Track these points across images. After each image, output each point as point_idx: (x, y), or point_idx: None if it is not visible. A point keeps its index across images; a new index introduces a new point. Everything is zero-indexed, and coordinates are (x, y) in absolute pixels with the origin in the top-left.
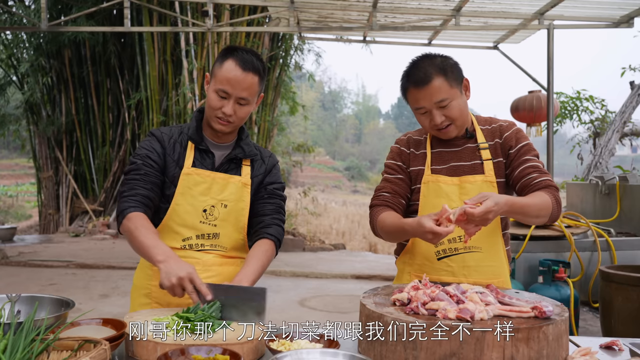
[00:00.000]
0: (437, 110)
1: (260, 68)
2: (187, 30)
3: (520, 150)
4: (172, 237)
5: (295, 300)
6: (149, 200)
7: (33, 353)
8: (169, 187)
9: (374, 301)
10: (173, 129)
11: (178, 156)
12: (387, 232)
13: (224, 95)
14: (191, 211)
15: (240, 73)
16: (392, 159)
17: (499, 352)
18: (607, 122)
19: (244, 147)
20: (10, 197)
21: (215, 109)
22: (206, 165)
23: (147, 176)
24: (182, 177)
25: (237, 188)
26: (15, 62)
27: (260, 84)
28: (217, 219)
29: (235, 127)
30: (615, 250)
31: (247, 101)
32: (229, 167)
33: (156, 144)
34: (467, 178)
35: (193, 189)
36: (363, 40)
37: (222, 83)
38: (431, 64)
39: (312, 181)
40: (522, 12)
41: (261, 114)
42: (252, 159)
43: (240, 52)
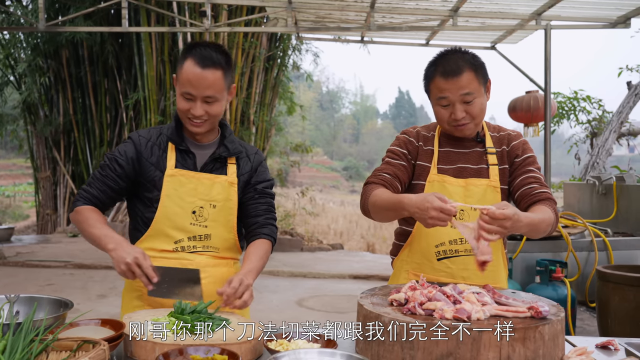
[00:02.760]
0: (460, 105)
1: (221, 61)
2: (184, 30)
3: (525, 160)
4: (163, 240)
5: (293, 300)
6: (98, 201)
7: (32, 353)
8: (150, 191)
9: (372, 301)
10: (152, 131)
11: (157, 159)
12: (380, 208)
13: (189, 97)
14: (180, 213)
15: (200, 71)
16: (398, 146)
17: (495, 352)
18: (605, 122)
19: (227, 145)
20: (8, 197)
21: (184, 111)
22: (188, 167)
23: (105, 178)
24: (166, 179)
25: (223, 187)
26: (13, 62)
27: (225, 78)
28: (207, 219)
29: (211, 125)
30: (612, 250)
31: (214, 98)
32: (213, 167)
33: (130, 148)
34: (473, 181)
35: (179, 191)
36: (361, 41)
37: (184, 85)
38: (463, 57)
39: (310, 181)
40: (519, 12)
41: (259, 114)
42: (238, 157)
43: (198, 48)
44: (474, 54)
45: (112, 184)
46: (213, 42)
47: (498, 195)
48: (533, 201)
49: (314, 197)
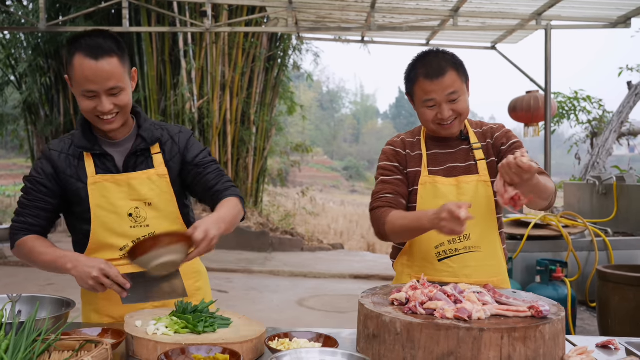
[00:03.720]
0: (446, 104)
1: (113, 47)
2: (185, 30)
3: (512, 145)
4: (107, 251)
5: (293, 300)
6: (37, 228)
7: (35, 353)
8: (79, 204)
9: (373, 301)
10: (64, 141)
11: (75, 170)
12: (400, 232)
13: (92, 94)
14: (116, 219)
15: (94, 64)
16: (388, 161)
17: (496, 351)
18: (605, 122)
19: (143, 135)
20: (8, 197)
21: (90, 111)
22: (110, 170)
23: (35, 201)
24: (90, 187)
25: (154, 182)
26: (14, 62)
27: (123, 63)
28: (146, 219)
29: (124, 117)
30: (612, 250)
31: (119, 88)
32: (136, 162)
33: (46, 165)
34: (464, 178)
35: (108, 197)
36: (361, 41)
37: (82, 83)
38: (444, 57)
39: (310, 181)
40: (519, 12)
41: (259, 114)
42: (161, 144)
43: (83, 40)
44: (453, 54)
45: (44, 205)
46: (97, 28)
47: (490, 189)
48: None
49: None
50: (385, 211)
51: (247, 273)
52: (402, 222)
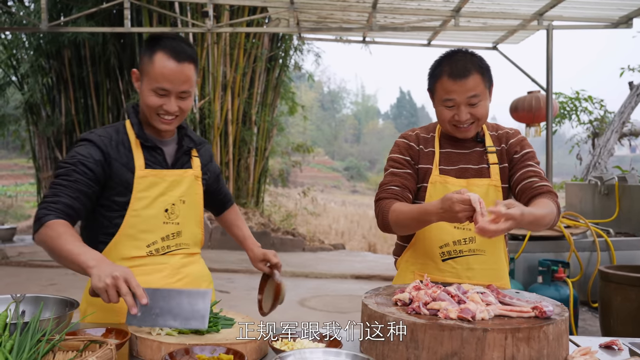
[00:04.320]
0: (465, 107)
1: (193, 55)
2: (187, 30)
3: (524, 156)
4: (133, 246)
5: (295, 300)
6: (72, 211)
7: (39, 353)
8: (122, 194)
9: (376, 301)
10: (108, 130)
11: (126, 159)
12: (403, 223)
13: (163, 92)
14: (154, 214)
15: (176, 66)
16: (400, 153)
17: (500, 352)
18: (606, 122)
19: (191, 136)
20: (10, 197)
21: (154, 107)
22: (159, 163)
23: (76, 183)
24: (137, 180)
25: (190, 182)
26: (15, 63)
27: (196, 72)
28: (178, 216)
29: (180, 121)
30: (614, 251)
31: (188, 93)
32: (183, 160)
33: (94, 150)
34: (475, 181)
35: (151, 191)
36: (362, 41)
37: (157, 80)
38: (471, 59)
39: (311, 181)
40: (521, 12)
41: (261, 114)
42: (198, 149)
43: (167, 41)
44: (481, 57)
45: (85, 189)
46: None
47: (500, 194)
48: (533, 195)
49: (316, 197)
50: (390, 202)
51: (249, 273)
52: (407, 213)
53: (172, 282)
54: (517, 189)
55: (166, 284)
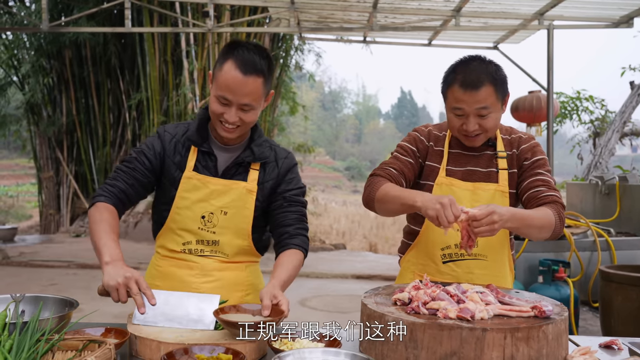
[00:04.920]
0: (474, 118)
1: (264, 68)
2: (187, 30)
3: (535, 163)
4: (173, 240)
5: (295, 300)
6: (124, 196)
7: (38, 353)
8: (169, 190)
9: (375, 301)
10: (179, 128)
11: (180, 158)
12: (386, 202)
13: (225, 102)
14: (191, 216)
15: (241, 78)
16: (409, 142)
17: (499, 351)
18: (607, 122)
19: (254, 149)
20: (11, 197)
21: (216, 114)
22: (209, 169)
23: (134, 171)
24: (182, 180)
25: (239, 195)
26: (16, 63)
27: (265, 85)
28: (215, 226)
29: (242, 131)
30: (615, 250)
31: (251, 107)
32: (235, 172)
33: (157, 143)
34: (481, 185)
35: (192, 194)
36: (363, 41)
37: (221, 89)
38: (485, 69)
39: (312, 181)
40: (522, 12)
41: (262, 114)
42: (264, 163)
43: (241, 50)
44: (498, 66)
45: (141, 177)
46: (257, 43)
47: (506, 200)
48: (539, 204)
49: (317, 197)
50: (383, 180)
51: None
52: (395, 193)
53: (199, 281)
54: (524, 198)
55: (191, 282)
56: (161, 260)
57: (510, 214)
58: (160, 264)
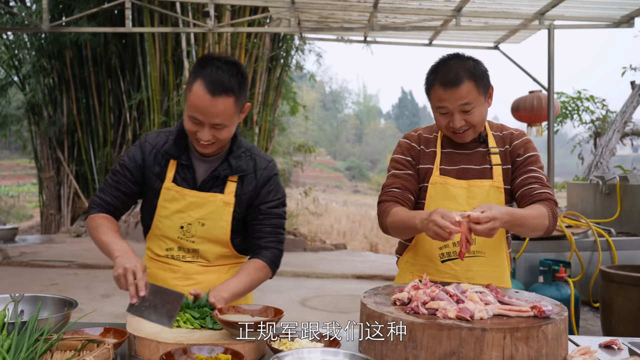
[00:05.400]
0: (458, 114)
1: (234, 86)
2: (188, 30)
3: (527, 160)
4: (157, 245)
5: (296, 300)
6: (112, 208)
7: (37, 353)
8: (152, 199)
9: (375, 301)
10: (160, 137)
11: (159, 169)
12: (398, 229)
13: (197, 121)
14: (170, 225)
15: (210, 99)
16: (402, 154)
17: (498, 351)
18: (608, 122)
19: (231, 162)
20: (12, 197)
21: (191, 133)
22: (187, 181)
23: (118, 184)
24: (162, 191)
25: (217, 207)
26: (17, 63)
27: (237, 103)
28: (194, 236)
29: (219, 146)
30: (615, 250)
31: (223, 125)
32: (213, 185)
33: (138, 154)
34: (476, 182)
35: (171, 205)
36: (364, 41)
37: (191, 110)
38: (464, 66)
39: (313, 181)
40: (522, 12)
41: (262, 114)
42: (242, 176)
43: (209, 69)
44: (476, 61)
45: (125, 189)
46: (229, 58)
47: (502, 196)
48: (532, 201)
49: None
50: (390, 205)
51: None
52: (400, 218)
53: (182, 284)
54: (517, 195)
55: (175, 285)
56: (149, 262)
57: (508, 215)
58: (149, 266)
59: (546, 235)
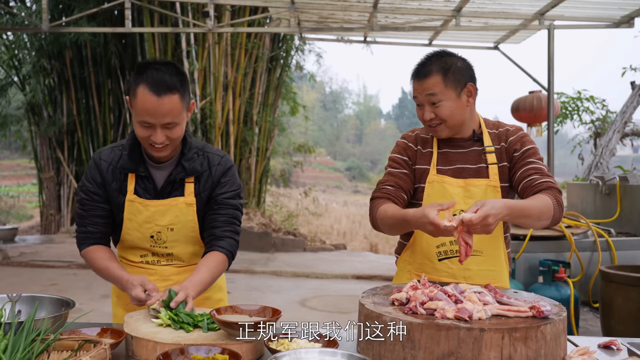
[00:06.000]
0: (428, 106)
1: (176, 84)
2: (188, 31)
3: (525, 153)
4: (131, 253)
5: (296, 301)
6: (98, 234)
7: (33, 353)
8: (117, 213)
9: (373, 301)
10: (114, 153)
11: (119, 184)
12: (388, 224)
13: (148, 125)
14: (140, 237)
15: (156, 100)
16: (398, 153)
17: (496, 352)
18: (608, 122)
19: (184, 164)
20: (12, 197)
21: (144, 138)
22: (148, 191)
23: (91, 210)
24: (126, 203)
25: (180, 210)
26: (17, 64)
27: (183, 100)
28: (166, 242)
29: (173, 147)
30: (615, 251)
31: (174, 123)
32: (172, 189)
33: (95, 173)
34: (472, 181)
35: (137, 217)
36: (364, 41)
37: (141, 114)
38: (437, 61)
39: (313, 181)
40: (522, 12)
41: (262, 114)
42: (197, 176)
43: (150, 72)
44: (454, 58)
45: (99, 212)
46: (165, 60)
47: (498, 195)
48: (535, 192)
49: (317, 198)
50: (381, 202)
51: (250, 273)
52: (389, 215)
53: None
54: (519, 188)
55: None
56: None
57: (506, 208)
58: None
59: (554, 224)
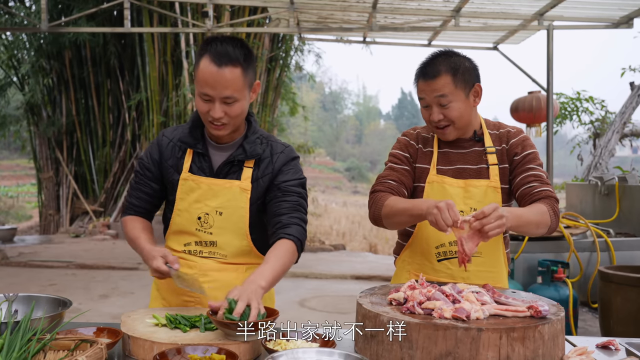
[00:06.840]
0: (436, 107)
1: (239, 57)
2: (187, 31)
3: (525, 158)
4: (176, 241)
5: (295, 301)
6: (140, 209)
7: (29, 353)
8: (171, 193)
9: (371, 301)
10: (177, 131)
11: (176, 161)
12: (395, 216)
13: (207, 98)
14: (188, 218)
15: (216, 70)
16: (400, 149)
17: (494, 352)
18: (607, 122)
19: (246, 147)
20: (11, 197)
21: (203, 113)
22: (204, 170)
23: (139, 185)
24: (180, 182)
25: (233, 194)
26: (16, 64)
27: (245, 74)
28: (212, 226)
29: (233, 127)
30: (614, 251)
31: (233, 99)
32: (229, 171)
33: (155, 150)
34: (473, 182)
35: (188, 196)
36: (363, 41)
37: (201, 85)
38: (445, 61)
39: (312, 182)
40: (521, 12)
41: (261, 114)
42: (258, 160)
43: (215, 44)
44: (462, 58)
45: (147, 189)
46: (231, 35)
47: (498, 196)
48: (532, 200)
49: (317, 198)
50: (385, 195)
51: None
52: (401, 205)
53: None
54: (517, 194)
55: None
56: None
57: (515, 216)
58: None
59: (549, 233)
